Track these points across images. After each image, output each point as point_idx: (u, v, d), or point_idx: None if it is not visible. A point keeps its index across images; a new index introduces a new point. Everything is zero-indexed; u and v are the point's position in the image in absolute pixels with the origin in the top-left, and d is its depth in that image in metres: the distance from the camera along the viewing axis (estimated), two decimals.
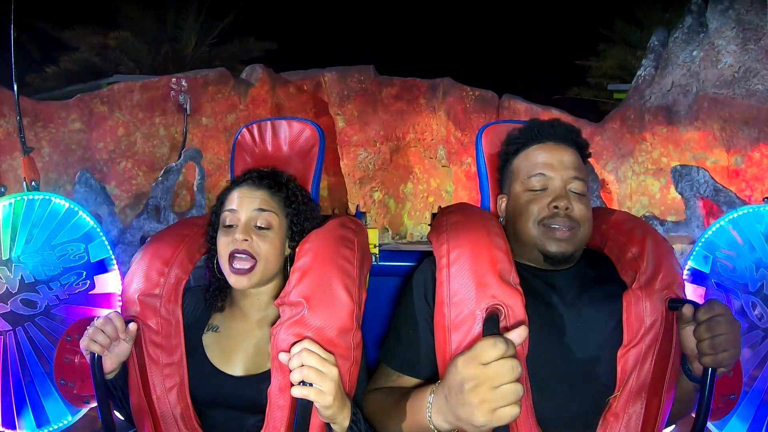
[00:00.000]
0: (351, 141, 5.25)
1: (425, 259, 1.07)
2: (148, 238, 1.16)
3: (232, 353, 1.05)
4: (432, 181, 5.50)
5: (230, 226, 1.03)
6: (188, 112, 4.37)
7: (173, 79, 4.41)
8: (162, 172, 3.51)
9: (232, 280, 1.02)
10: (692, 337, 0.86)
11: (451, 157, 5.28)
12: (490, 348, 0.69)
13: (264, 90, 5.04)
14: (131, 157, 4.30)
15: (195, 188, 3.63)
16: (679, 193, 3.06)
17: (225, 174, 4.87)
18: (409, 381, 0.98)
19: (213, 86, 4.68)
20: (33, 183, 1.77)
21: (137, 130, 4.34)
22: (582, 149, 1.08)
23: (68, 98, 4.20)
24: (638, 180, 4.20)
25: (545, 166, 1.03)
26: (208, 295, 1.11)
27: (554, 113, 4.96)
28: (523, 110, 5.09)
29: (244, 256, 1.00)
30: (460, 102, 5.17)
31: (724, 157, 3.61)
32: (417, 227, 5.55)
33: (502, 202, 1.12)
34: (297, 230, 1.08)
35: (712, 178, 2.96)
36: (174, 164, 3.56)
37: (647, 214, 3.25)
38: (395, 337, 1.04)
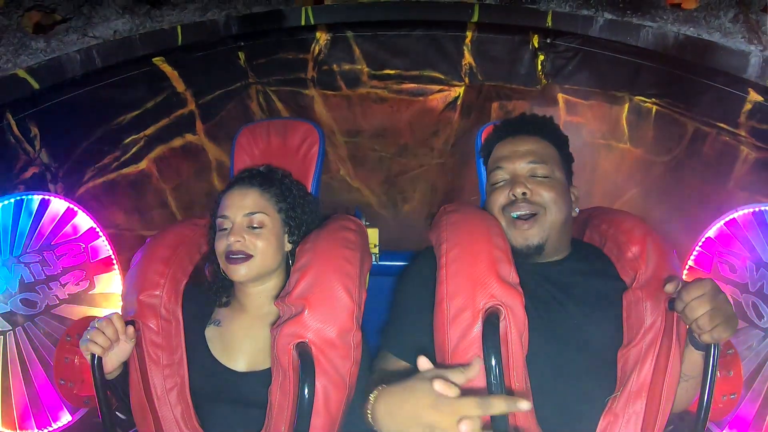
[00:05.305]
0: None
1: (426, 248, 1.07)
2: (149, 239, 1.17)
3: (234, 348, 1.06)
4: None
5: (224, 230, 1.06)
6: None
7: None
8: None
9: (231, 271, 1.03)
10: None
11: None
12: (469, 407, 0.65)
13: None
14: None
15: None
16: None
17: None
18: (408, 367, 0.98)
19: None
20: None
21: None
22: (549, 135, 1.11)
23: None
24: None
25: (502, 159, 1.08)
26: (211, 293, 1.13)
27: None
28: None
29: (241, 255, 1.03)
30: None
31: None
32: None
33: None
34: (295, 224, 1.10)
35: None
36: None
37: None
38: (394, 324, 1.05)
